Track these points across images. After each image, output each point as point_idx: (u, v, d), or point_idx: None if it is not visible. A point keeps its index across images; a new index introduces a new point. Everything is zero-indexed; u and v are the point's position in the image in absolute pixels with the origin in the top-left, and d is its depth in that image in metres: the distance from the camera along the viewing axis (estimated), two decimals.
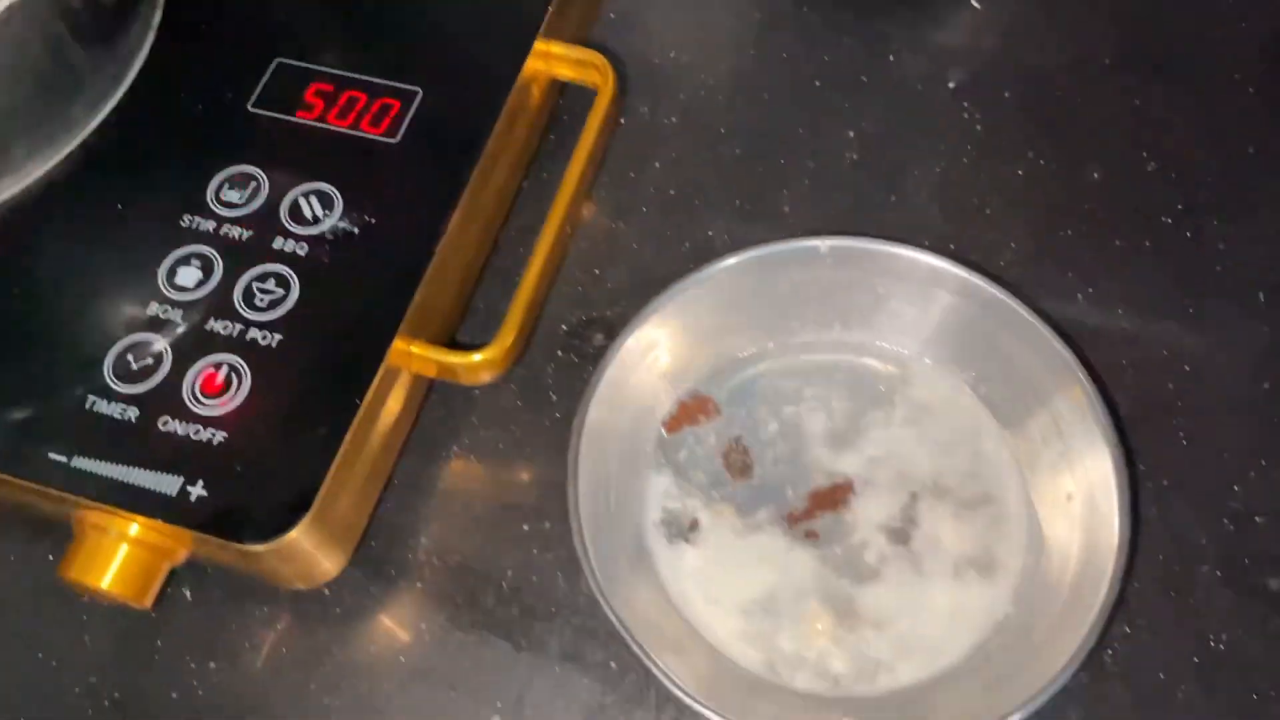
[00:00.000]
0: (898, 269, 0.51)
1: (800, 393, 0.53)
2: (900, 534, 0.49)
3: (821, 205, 0.59)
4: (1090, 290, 0.56)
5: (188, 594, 0.50)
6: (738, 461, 0.51)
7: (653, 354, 0.51)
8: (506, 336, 0.49)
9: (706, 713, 0.42)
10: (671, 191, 0.60)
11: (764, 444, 0.52)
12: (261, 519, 0.43)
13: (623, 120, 0.62)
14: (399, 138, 0.51)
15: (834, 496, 0.50)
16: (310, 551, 0.45)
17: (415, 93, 0.53)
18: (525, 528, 0.51)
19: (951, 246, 0.57)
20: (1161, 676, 0.47)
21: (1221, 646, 0.48)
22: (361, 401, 0.45)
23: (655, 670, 0.42)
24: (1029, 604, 0.47)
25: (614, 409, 0.49)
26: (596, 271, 0.58)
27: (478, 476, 0.53)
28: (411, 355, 0.48)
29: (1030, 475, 0.50)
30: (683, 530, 0.50)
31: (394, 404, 0.48)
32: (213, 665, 0.49)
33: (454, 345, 0.52)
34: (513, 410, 0.54)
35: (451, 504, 0.52)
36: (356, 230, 0.49)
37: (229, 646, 0.49)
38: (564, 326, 0.56)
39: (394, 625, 0.50)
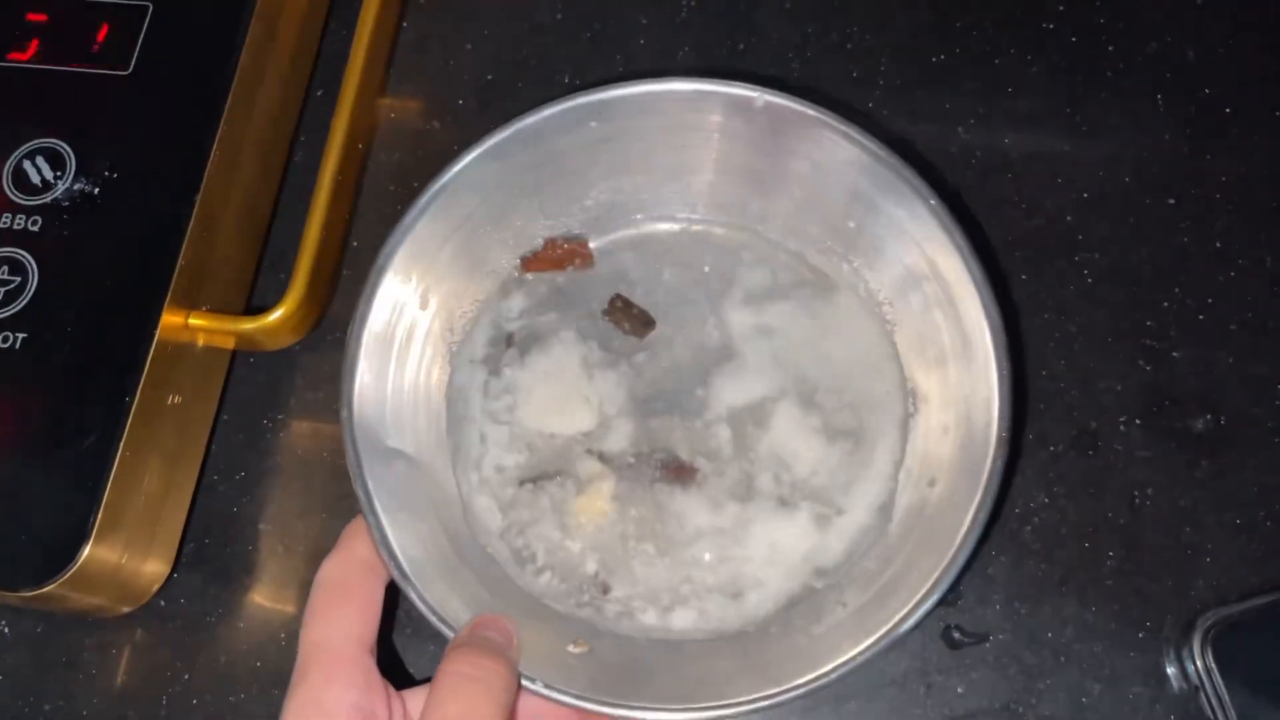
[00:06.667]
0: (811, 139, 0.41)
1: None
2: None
3: (662, 65, 0.51)
4: (971, 121, 0.49)
5: (5, 630, 0.44)
6: (626, 314, 0.43)
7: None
8: (299, 289, 0.42)
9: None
10: (489, 76, 0.52)
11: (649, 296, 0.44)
12: (36, 554, 0.37)
13: None
14: (132, 67, 0.43)
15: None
16: (114, 571, 0.39)
17: (144, 8, 0.43)
18: None
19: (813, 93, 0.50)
20: (1086, 546, 0.43)
21: (1148, 502, 0.43)
22: (134, 396, 0.38)
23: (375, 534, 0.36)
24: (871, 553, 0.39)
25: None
26: (416, 184, 0.50)
27: (312, 444, 0.46)
28: (192, 328, 0.41)
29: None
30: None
31: (184, 386, 0.41)
32: (47, 708, 0.43)
33: (251, 307, 0.44)
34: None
35: (288, 480, 0.46)
36: (97, 190, 0.41)
37: (62, 684, 0.43)
38: None
39: (246, 628, 0.44)
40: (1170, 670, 0.41)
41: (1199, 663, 0.40)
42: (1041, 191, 0.48)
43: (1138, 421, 0.45)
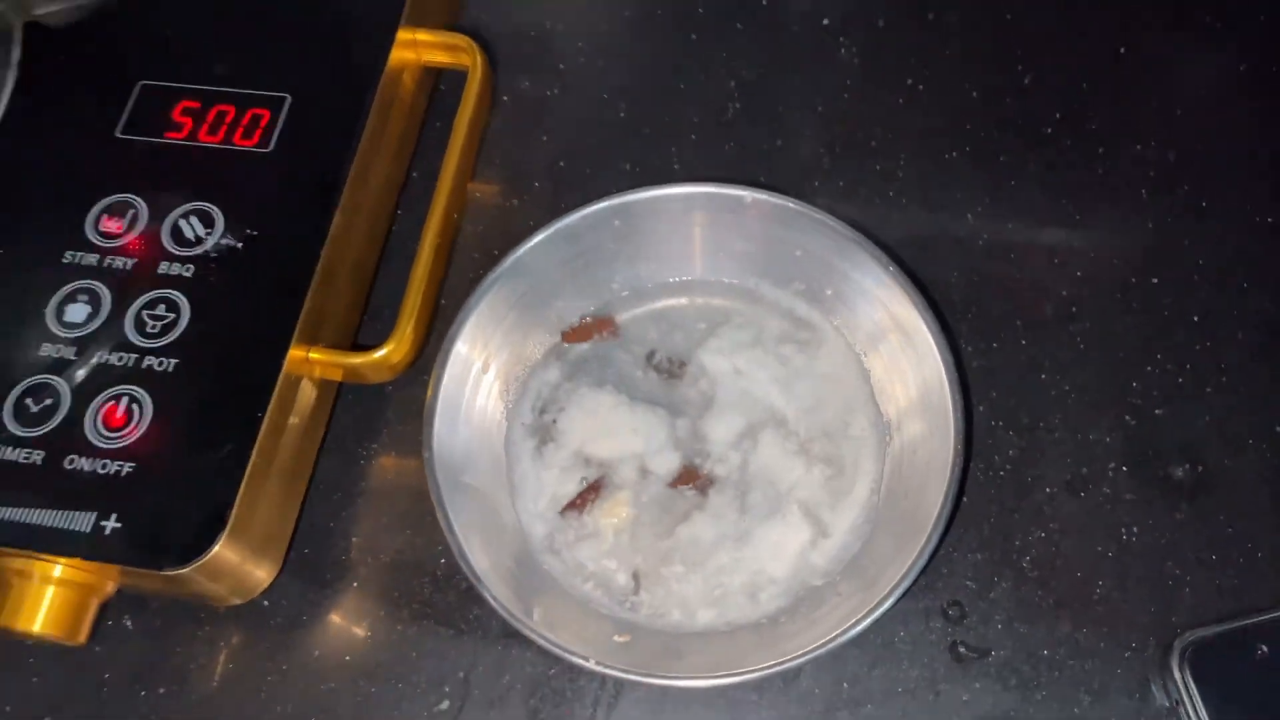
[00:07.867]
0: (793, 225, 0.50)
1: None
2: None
3: (709, 158, 0.60)
4: (979, 209, 0.57)
5: (128, 623, 0.51)
6: (664, 361, 0.52)
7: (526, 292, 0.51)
8: (403, 331, 0.49)
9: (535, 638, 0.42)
10: (561, 163, 0.60)
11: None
12: (180, 542, 0.44)
13: (505, 98, 0.62)
14: (272, 146, 0.51)
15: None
16: (236, 566, 0.46)
17: (283, 99, 0.52)
18: None
19: (840, 184, 0.58)
20: (1078, 575, 0.49)
21: (1133, 539, 0.49)
22: (264, 414, 0.45)
23: (464, 568, 0.43)
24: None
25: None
26: (496, 252, 0.58)
27: (398, 471, 0.53)
28: (311, 361, 0.48)
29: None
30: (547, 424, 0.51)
31: (301, 411, 0.49)
32: (162, 691, 0.49)
33: (356, 346, 0.52)
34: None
35: (377, 501, 0.53)
36: (240, 245, 0.49)
37: (176, 670, 0.50)
38: None
39: (336, 627, 0.50)
40: (1153, 686, 0.46)
41: (1178, 680, 0.45)
42: (1040, 270, 0.55)
43: (1124, 469, 0.51)
